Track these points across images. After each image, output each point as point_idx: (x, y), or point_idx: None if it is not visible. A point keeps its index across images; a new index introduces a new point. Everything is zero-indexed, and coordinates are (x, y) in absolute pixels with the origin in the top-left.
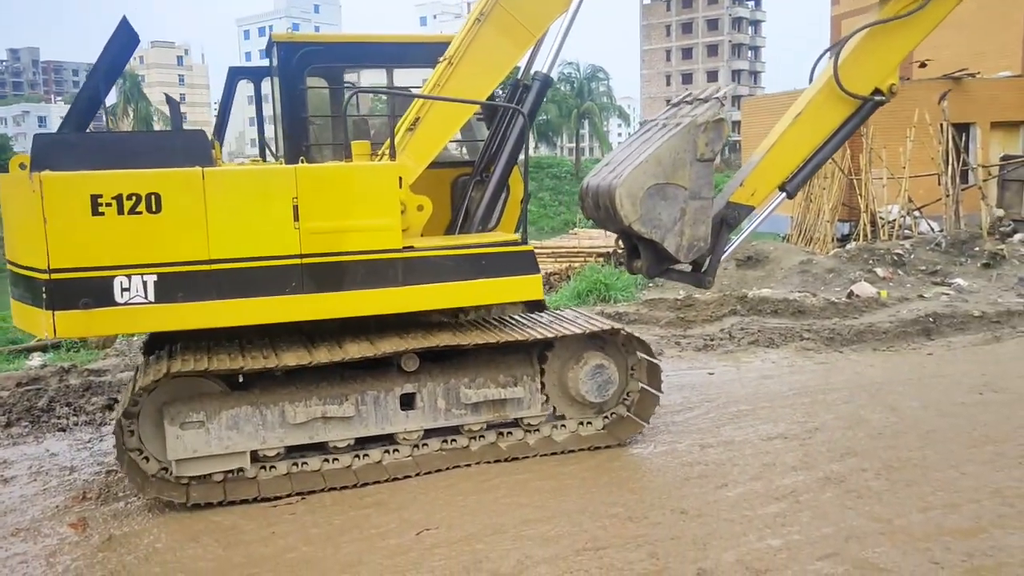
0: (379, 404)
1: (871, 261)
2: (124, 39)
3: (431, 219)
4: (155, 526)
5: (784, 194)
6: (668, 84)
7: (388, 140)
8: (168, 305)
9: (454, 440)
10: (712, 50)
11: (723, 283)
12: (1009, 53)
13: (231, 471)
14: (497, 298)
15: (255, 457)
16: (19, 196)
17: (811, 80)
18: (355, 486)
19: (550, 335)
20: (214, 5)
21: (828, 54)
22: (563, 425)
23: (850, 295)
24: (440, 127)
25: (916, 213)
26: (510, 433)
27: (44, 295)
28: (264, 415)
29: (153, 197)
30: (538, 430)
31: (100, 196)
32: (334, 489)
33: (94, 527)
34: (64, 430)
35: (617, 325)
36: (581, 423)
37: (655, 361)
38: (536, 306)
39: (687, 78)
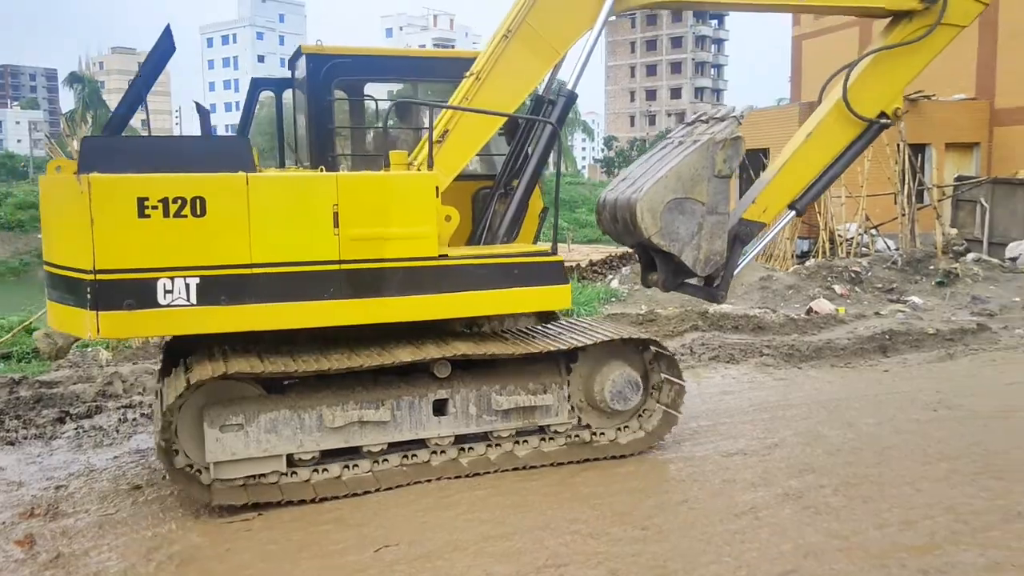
0: (413, 409)
1: (829, 278)
2: (164, 47)
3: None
4: (106, 544)
5: (794, 212)
6: (632, 100)
7: (414, 151)
8: (209, 308)
9: (498, 445)
10: (676, 67)
11: (683, 298)
12: (963, 76)
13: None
14: (529, 307)
15: (289, 461)
16: (64, 198)
17: (819, 100)
18: (408, 484)
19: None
20: (177, 12)
21: (837, 75)
22: (601, 432)
23: (809, 312)
24: (468, 140)
25: (873, 231)
26: (552, 439)
27: (89, 296)
28: (302, 419)
29: (198, 201)
30: (605, 434)
31: (147, 199)
32: (324, 500)
33: (42, 544)
34: (13, 443)
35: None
36: (619, 429)
37: (669, 353)
38: (548, 317)
39: (651, 94)
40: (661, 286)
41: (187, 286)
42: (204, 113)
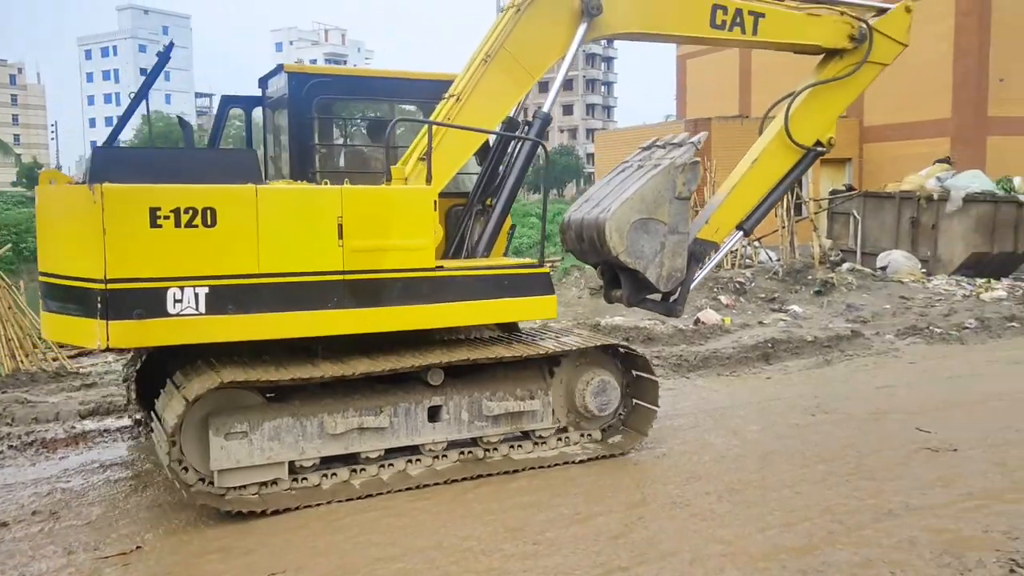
0: (409, 416)
1: (716, 289)
2: (162, 59)
3: None
4: None
5: (741, 232)
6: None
7: (397, 166)
8: (218, 317)
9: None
10: (567, 84)
11: (577, 311)
12: None
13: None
14: (518, 316)
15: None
16: (73, 207)
17: (761, 131)
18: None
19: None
20: (53, 23)
21: (777, 107)
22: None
23: (697, 322)
24: (451, 157)
25: (756, 243)
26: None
27: (99, 305)
28: (304, 426)
29: (209, 211)
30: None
31: (159, 209)
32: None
33: None
34: None
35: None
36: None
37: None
38: (510, 327)
39: None
40: (625, 301)
41: (196, 295)
42: (187, 127)
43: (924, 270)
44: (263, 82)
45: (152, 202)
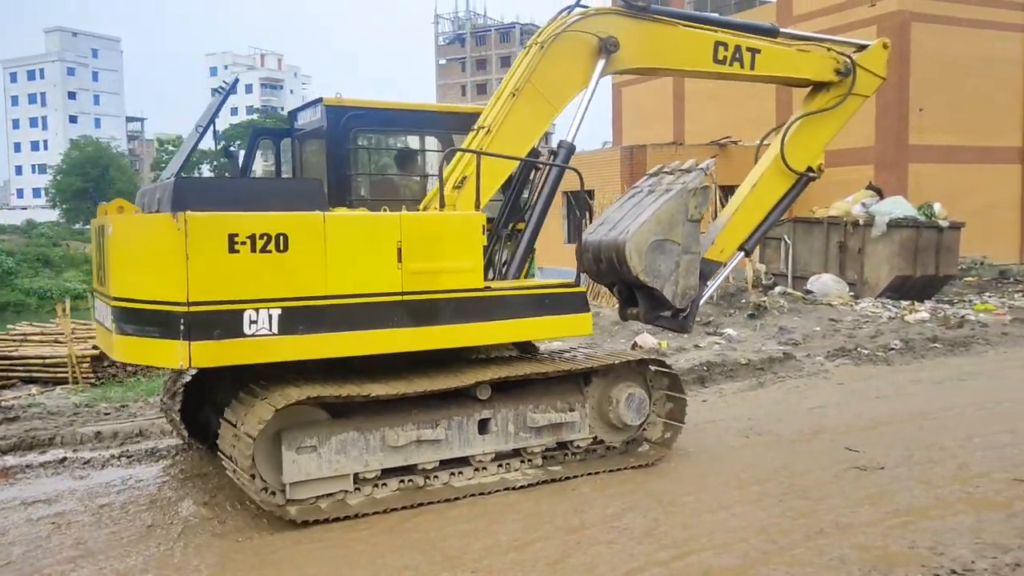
0: (462, 428)
1: None
2: (228, 93)
3: None
4: None
5: (743, 253)
6: None
7: (429, 195)
8: (289, 337)
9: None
10: None
11: None
12: (764, 123)
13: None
14: (558, 332)
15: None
16: (154, 234)
17: (756, 159)
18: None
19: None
20: None
21: (770, 136)
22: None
23: (634, 347)
24: (487, 184)
25: None
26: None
27: (182, 327)
28: (368, 439)
29: (282, 237)
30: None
31: (237, 235)
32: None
33: None
34: None
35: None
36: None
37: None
38: (527, 347)
39: None
40: (642, 318)
41: (270, 316)
42: (233, 157)
43: (852, 293)
44: (293, 115)
45: (231, 229)
